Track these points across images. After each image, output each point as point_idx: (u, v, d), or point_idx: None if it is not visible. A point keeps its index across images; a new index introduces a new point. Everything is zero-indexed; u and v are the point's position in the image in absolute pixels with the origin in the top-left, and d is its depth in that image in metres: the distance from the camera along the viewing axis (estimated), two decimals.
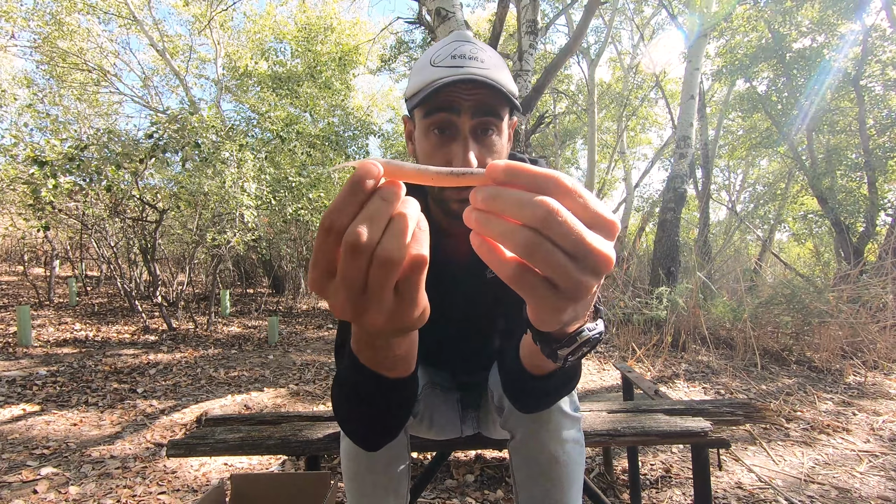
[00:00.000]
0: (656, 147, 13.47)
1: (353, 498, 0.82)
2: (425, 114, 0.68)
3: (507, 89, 0.67)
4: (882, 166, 5.90)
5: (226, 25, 10.11)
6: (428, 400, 0.96)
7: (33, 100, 8.14)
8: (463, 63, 0.66)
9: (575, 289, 0.30)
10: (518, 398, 0.70)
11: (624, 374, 1.96)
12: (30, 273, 7.02)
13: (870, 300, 3.90)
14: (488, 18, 11.32)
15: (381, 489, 0.81)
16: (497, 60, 0.70)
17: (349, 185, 0.30)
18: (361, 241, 0.29)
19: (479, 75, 0.65)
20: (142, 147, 4.06)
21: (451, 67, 0.66)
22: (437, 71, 0.67)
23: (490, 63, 0.68)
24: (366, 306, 0.32)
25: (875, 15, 5.98)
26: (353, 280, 0.30)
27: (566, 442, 0.74)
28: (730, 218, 11.16)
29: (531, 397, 0.67)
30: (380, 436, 0.67)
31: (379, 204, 0.30)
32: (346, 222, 0.30)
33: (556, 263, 0.29)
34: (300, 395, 2.91)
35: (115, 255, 5.43)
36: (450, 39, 0.71)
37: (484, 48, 0.70)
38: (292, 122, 6.91)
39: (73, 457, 1.95)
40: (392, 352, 0.45)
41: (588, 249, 0.29)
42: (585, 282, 0.30)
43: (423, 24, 4.58)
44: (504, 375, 0.70)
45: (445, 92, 0.65)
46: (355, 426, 0.64)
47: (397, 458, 0.82)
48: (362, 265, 0.30)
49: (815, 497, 1.61)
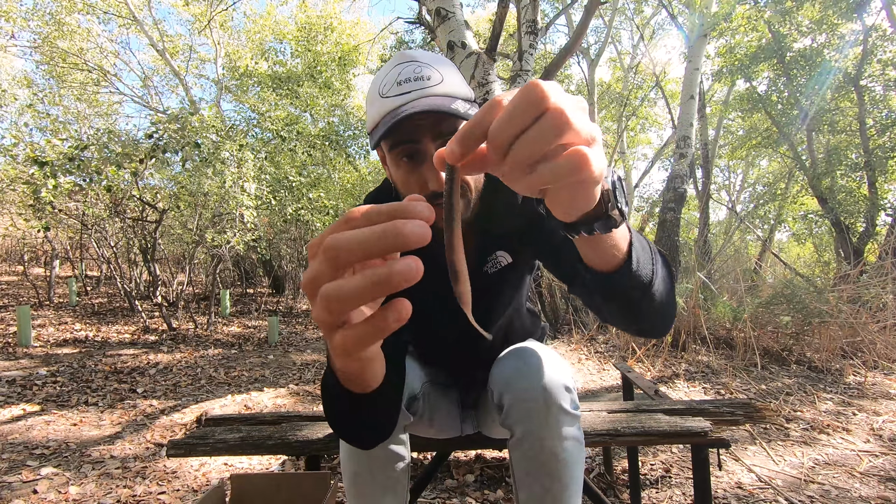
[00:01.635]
0: (656, 147, 13.48)
1: (352, 498, 0.82)
2: (390, 147, 0.71)
3: (457, 102, 0.68)
4: (882, 166, 5.90)
5: (226, 25, 10.12)
6: (428, 399, 0.97)
7: (33, 100, 8.14)
8: (409, 88, 0.68)
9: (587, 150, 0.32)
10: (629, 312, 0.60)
11: (624, 374, 1.96)
12: (30, 273, 7.02)
13: (870, 300, 3.90)
14: (488, 18, 11.33)
15: (380, 489, 0.81)
16: (442, 69, 0.71)
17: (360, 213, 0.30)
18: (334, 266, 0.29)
19: (429, 97, 0.67)
20: (142, 147, 4.06)
21: (399, 95, 0.68)
22: (387, 102, 0.69)
23: (436, 77, 0.69)
24: (330, 323, 0.32)
25: (875, 15, 5.99)
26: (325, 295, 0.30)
27: (566, 439, 0.74)
28: (730, 218, 11.16)
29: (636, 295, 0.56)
30: (370, 437, 0.67)
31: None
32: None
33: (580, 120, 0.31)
34: (300, 395, 2.91)
35: (115, 255, 5.43)
36: (392, 64, 0.72)
37: (429, 62, 0.71)
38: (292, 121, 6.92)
39: (73, 457, 1.95)
40: (347, 367, 0.45)
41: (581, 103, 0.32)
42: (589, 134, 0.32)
43: (423, 24, 4.58)
44: (603, 303, 0.62)
45: (401, 127, 0.67)
46: (343, 428, 0.65)
47: (396, 458, 0.82)
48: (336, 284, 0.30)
49: (815, 497, 1.61)
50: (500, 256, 0.85)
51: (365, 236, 0.28)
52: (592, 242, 0.49)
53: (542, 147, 0.30)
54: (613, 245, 0.50)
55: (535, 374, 0.76)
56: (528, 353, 0.81)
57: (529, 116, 0.30)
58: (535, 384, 0.75)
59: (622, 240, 0.50)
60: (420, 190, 0.71)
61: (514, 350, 0.85)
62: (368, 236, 0.28)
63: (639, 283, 0.54)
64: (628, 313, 0.60)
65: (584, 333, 4.41)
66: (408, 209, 0.29)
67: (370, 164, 10.20)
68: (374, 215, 0.29)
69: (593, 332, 4.42)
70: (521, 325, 1.01)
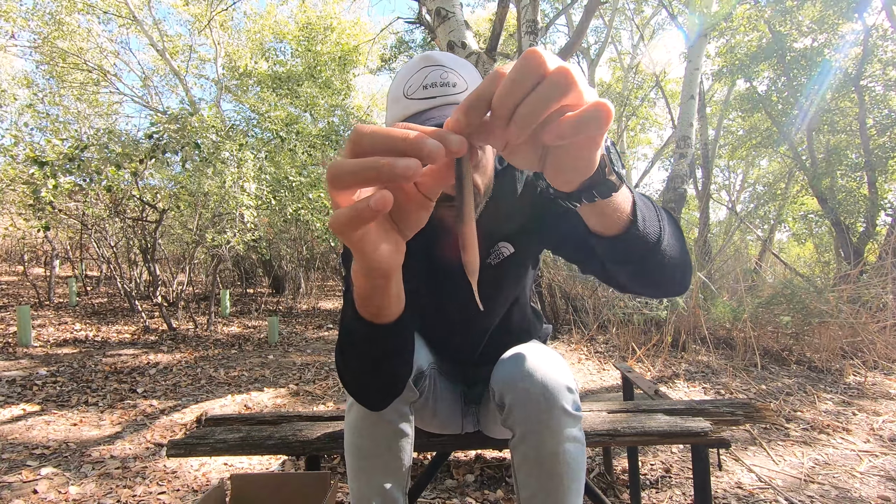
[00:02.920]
0: (656, 147, 13.47)
1: (353, 473, 0.82)
2: None
3: None
4: (882, 166, 5.90)
5: (226, 25, 10.11)
6: (434, 383, 0.97)
7: (33, 100, 8.13)
8: (436, 93, 0.69)
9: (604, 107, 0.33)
10: (646, 271, 0.60)
11: (624, 374, 1.96)
12: (30, 273, 7.02)
13: (870, 300, 3.89)
14: (488, 18, 11.32)
15: (381, 468, 0.82)
16: (467, 76, 0.72)
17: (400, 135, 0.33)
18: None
19: (451, 108, 0.67)
20: (142, 147, 4.06)
21: (424, 100, 0.69)
22: (412, 104, 0.69)
23: (460, 83, 0.70)
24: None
25: (876, 14, 5.98)
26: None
27: (567, 440, 0.74)
28: (730, 218, 11.16)
29: (648, 252, 0.56)
30: (379, 391, 0.68)
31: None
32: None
33: (583, 80, 0.33)
34: (300, 395, 2.91)
35: (115, 255, 5.43)
36: (419, 65, 0.72)
37: (452, 67, 0.71)
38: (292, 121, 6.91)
39: (73, 457, 1.95)
40: (378, 292, 0.49)
41: (572, 77, 0.32)
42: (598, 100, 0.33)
43: (424, 23, 4.58)
44: (619, 270, 0.62)
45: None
46: (354, 380, 0.66)
47: (400, 434, 0.83)
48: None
49: (815, 497, 1.61)
50: (503, 247, 0.86)
51: (359, 167, 0.32)
52: (597, 209, 0.50)
53: (546, 107, 0.32)
54: (616, 209, 0.51)
55: (537, 374, 0.76)
56: (531, 354, 0.81)
57: (531, 81, 0.31)
58: (536, 384, 0.75)
59: (625, 201, 0.51)
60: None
61: (516, 350, 0.86)
62: (362, 168, 0.32)
63: (648, 242, 0.55)
64: (644, 273, 0.61)
65: (584, 333, 4.40)
66: (417, 145, 0.32)
67: None
68: (379, 141, 0.33)
69: (593, 332, 4.42)
70: (522, 320, 1.02)
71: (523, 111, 0.32)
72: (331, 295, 8.08)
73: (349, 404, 0.85)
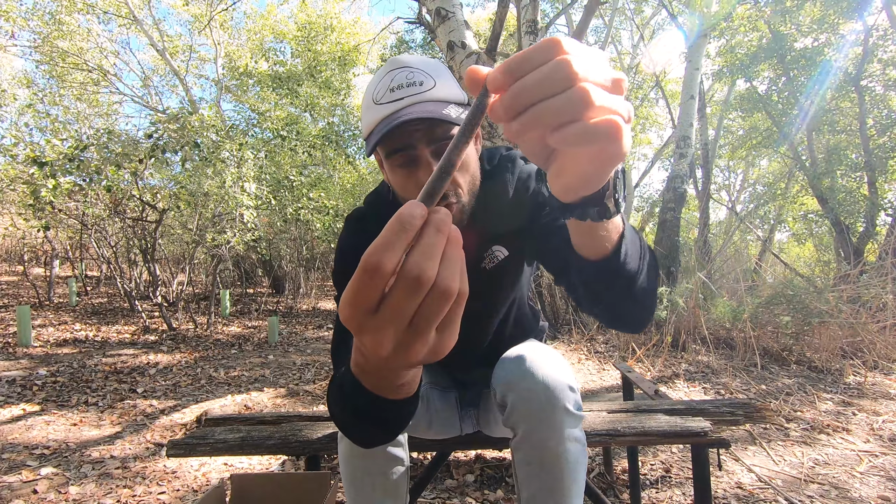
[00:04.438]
0: (656, 147, 13.46)
1: (351, 500, 0.82)
2: (386, 155, 0.71)
3: (449, 107, 0.68)
4: (882, 166, 5.90)
5: (226, 25, 10.11)
6: (427, 400, 0.97)
7: (33, 100, 8.14)
8: (402, 94, 0.68)
9: (623, 123, 0.31)
10: (609, 303, 0.61)
11: (624, 374, 1.96)
12: (30, 273, 7.01)
13: (870, 300, 3.89)
14: (488, 18, 11.32)
15: (380, 491, 0.81)
16: (435, 73, 0.71)
17: (396, 222, 0.29)
18: (425, 276, 0.28)
19: (423, 102, 0.67)
20: (142, 147, 4.06)
21: (392, 102, 0.68)
22: (381, 109, 0.69)
23: (426, 82, 0.69)
24: (411, 341, 0.31)
25: (876, 14, 5.98)
26: (404, 317, 0.29)
27: (568, 440, 0.74)
28: (730, 218, 11.16)
29: (619, 286, 0.57)
30: (381, 437, 0.67)
31: (434, 236, 0.29)
32: (395, 260, 0.28)
33: (609, 100, 0.30)
34: (300, 395, 2.91)
35: (115, 255, 5.43)
36: (384, 71, 0.72)
37: (417, 67, 0.71)
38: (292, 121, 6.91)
39: (73, 457, 1.95)
40: (399, 380, 0.42)
41: (616, 77, 0.31)
42: (625, 112, 0.31)
43: (423, 23, 4.58)
44: (585, 291, 0.63)
45: (396, 134, 0.67)
46: (352, 432, 0.63)
47: (395, 461, 0.83)
48: (419, 300, 0.29)
49: (815, 497, 1.61)
50: (497, 251, 0.86)
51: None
52: (584, 228, 0.50)
53: (562, 119, 0.30)
54: (605, 235, 0.51)
55: (538, 374, 0.76)
56: (532, 354, 0.81)
57: (558, 87, 0.29)
58: (538, 384, 0.75)
59: (614, 231, 0.51)
60: (417, 194, 0.70)
61: (517, 350, 0.86)
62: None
63: (624, 276, 0.55)
64: (606, 301, 0.61)
65: (584, 333, 4.40)
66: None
67: (370, 164, 10.20)
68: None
69: (593, 332, 4.42)
70: (521, 320, 1.01)
71: (537, 112, 0.30)
72: (331, 295, 8.08)
73: (341, 435, 0.83)
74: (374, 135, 0.69)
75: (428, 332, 0.30)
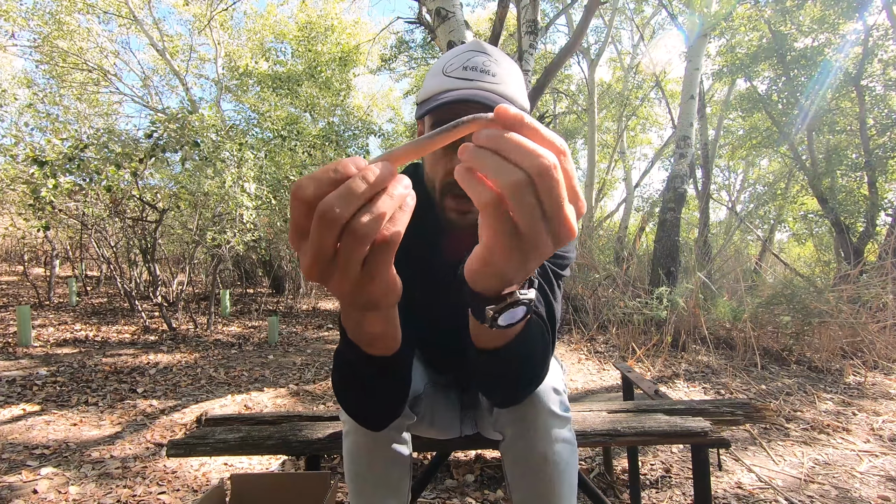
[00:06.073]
0: (656, 147, 13.47)
1: (354, 498, 0.82)
2: (432, 125, 0.69)
3: (517, 106, 0.67)
4: (882, 166, 5.90)
5: (226, 25, 10.11)
6: (429, 399, 0.97)
7: (33, 100, 8.14)
8: (474, 76, 0.67)
9: (534, 243, 0.33)
10: (481, 384, 0.69)
11: (624, 374, 1.96)
12: (30, 273, 7.01)
13: (870, 300, 3.89)
14: (488, 18, 11.32)
15: (382, 488, 0.81)
16: (511, 73, 0.70)
17: (332, 165, 0.31)
18: (332, 214, 0.30)
19: (487, 91, 0.66)
20: (142, 147, 4.05)
21: (462, 80, 0.67)
22: (448, 81, 0.68)
23: (502, 77, 0.68)
24: (331, 272, 0.33)
25: (877, 14, 5.98)
26: (321, 247, 0.31)
27: (556, 442, 0.75)
28: (730, 218, 11.15)
29: (488, 378, 0.65)
30: (378, 414, 0.68)
31: (358, 183, 0.31)
32: (318, 194, 0.30)
33: (533, 213, 0.31)
34: (300, 395, 2.91)
35: (115, 255, 5.42)
36: (465, 48, 0.71)
37: (499, 60, 0.70)
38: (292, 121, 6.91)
39: (73, 457, 1.95)
40: (365, 328, 0.47)
41: (563, 215, 0.32)
42: (545, 242, 0.33)
43: (423, 23, 4.58)
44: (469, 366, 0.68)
45: (451, 108, 0.65)
46: (352, 403, 0.65)
47: (398, 459, 0.82)
48: (333, 235, 0.31)
49: (815, 497, 1.61)
50: None
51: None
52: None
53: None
54: (503, 335, 0.52)
55: None
56: None
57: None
58: None
59: (512, 332, 0.52)
60: (444, 176, 0.70)
61: None
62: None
63: (512, 364, 0.59)
64: (486, 375, 0.65)
65: (584, 333, 4.40)
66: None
67: None
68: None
69: (593, 332, 4.42)
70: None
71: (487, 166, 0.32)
72: (330, 295, 8.08)
73: (345, 432, 0.84)
74: (431, 101, 0.67)
75: (347, 268, 0.32)
